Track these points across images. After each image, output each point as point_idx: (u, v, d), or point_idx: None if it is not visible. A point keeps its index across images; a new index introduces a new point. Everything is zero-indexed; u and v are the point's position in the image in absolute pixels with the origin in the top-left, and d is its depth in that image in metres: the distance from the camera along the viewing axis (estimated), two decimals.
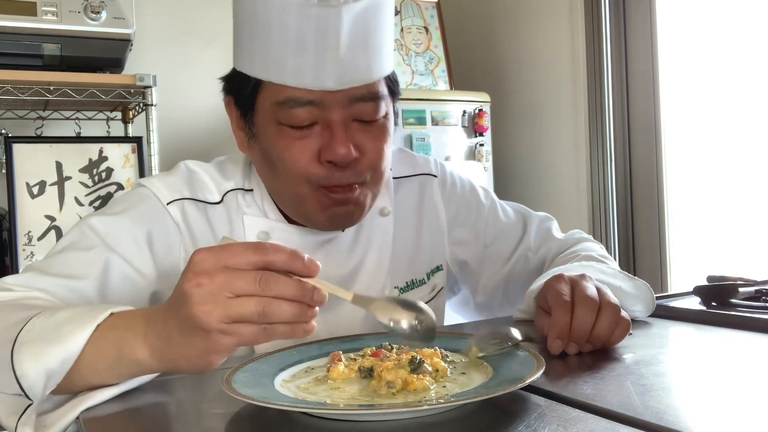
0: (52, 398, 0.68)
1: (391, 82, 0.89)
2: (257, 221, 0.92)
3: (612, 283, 0.87)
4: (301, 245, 0.90)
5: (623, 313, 0.78)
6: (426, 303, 0.98)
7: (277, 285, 0.58)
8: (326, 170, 0.84)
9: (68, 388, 0.68)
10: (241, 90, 0.87)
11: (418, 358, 0.67)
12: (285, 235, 0.92)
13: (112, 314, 0.68)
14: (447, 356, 0.72)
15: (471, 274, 1.10)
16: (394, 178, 1.04)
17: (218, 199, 0.93)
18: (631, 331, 0.80)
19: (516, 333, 0.73)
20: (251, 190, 0.94)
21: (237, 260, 0.59)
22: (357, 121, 0.85)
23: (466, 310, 1.16)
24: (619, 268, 0.95)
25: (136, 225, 0.87)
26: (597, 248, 1.08)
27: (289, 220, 0.94)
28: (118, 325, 0.67)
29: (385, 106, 0.87)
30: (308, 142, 0.83)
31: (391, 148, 0.90)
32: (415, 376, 0.64)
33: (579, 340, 0.75)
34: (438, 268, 1.05)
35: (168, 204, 0.89)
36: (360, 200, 0.87)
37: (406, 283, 1.01)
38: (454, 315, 1.18)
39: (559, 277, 0.81)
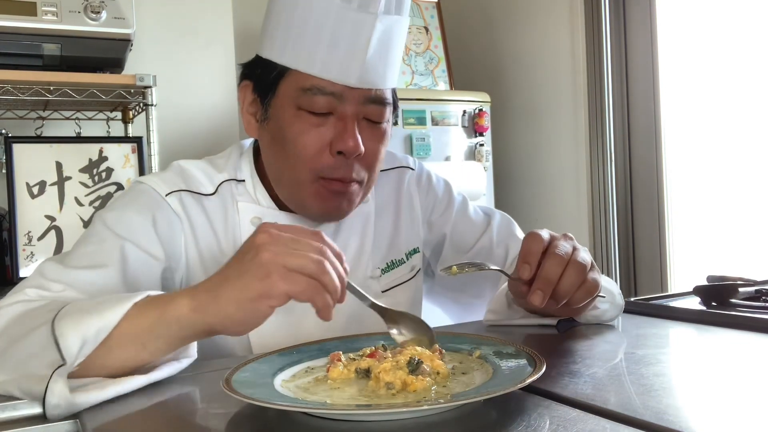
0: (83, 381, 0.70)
1: (395, 95, 0.99)
2: (250, 207, 0.99)
3: None
4: None
5: (591, 275, 0.83)
6: (406, 282, 1.08)
7: (333, 260, 0.69)
8: (333, 161, 0.91)
9: (101, 367, 0.71)
10: (264, 75, 0.95)
11: (417, 359, 0.67)
12: (275, 220, 0.99)
13: (148, 296, 0.74)
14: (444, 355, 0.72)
15: (438, 256, 1.18)
16: None
17: (212, 190, 0.99)
18: (602, 294, 0.86)
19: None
20: (243, 180, 1.01)
21: (299, 235, 0.69)
22: (365, 120, 0.93)
23: (432, 296, 1.23)
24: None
25: (140, 213, 0.94)
26: None
27: (280, 207, 1.00)
28: (162, 295, 0.74)
29: (389, 113, 0.96)
30: (322, 131, 0.91)
31: (384, 153, 1.00)
32: (414, 377, 0.64)
33: (544, 287, 0.80)
34: (415, 250, 1.13)
35: (166, 195, 0.96)
36: (352, 197, 0.96)
37: (387, 264, 1.08)
38: (428, 305, 1.23)
39: (539, 230, 0.86)
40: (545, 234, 0.84)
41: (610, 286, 0.93)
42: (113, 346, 0.71)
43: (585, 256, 0.84)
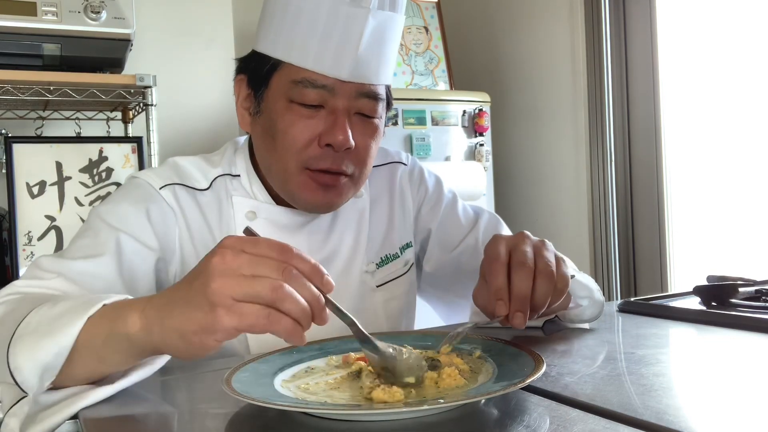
0: (50, 395, 0.68)
1: (389, 92, 0.99)
2: (245, 201, 0.99)
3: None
4: (286, 224, 1.00)
5: (560, 271, 0.79)
6: (400, 276, 1.08)
7: (297, 281, 0.59)
8: (320, 152, 0.91)
9: (71, 379, 0.69)
10: (258, 68, 0.96)
11: (431, 360, 0.67)
12: (271, 215, 1.00)
13: (104, 305, 0.69)
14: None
15: (425, 252, 1.17)
16: None
17: (206, 186, 1.00)
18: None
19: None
20: (238, 175, 1.01)
21: (262, 252, 0.60)
22: (357, 114, 0.93)
23: (420, 293, 1.22)
24: (575, 267, 0.98)
25: (134, 205, 0.94)
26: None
27: (277, 202, 1.00)
28: (118, 305, 0.69)
29: (382, 109, 0.96)
30: (312, 123, 0.91)
31: (377, 149, 0.99)
32: (436, 374, 0.64)
33: (522, 306, 0.76)
34: (408, 245, 1.13)
35: (160, 188, 0.96)
36: (342, 191, 0.95)
37: (381, 258, 1.08)
38: (420, 301, 1.22)
39: (496, 239, 0.82)
40: (503, 252, 0.79)
41: (587, 281, 0.92)
42: (74, 360, 0.67)
43: (548, 254, 0.80)
